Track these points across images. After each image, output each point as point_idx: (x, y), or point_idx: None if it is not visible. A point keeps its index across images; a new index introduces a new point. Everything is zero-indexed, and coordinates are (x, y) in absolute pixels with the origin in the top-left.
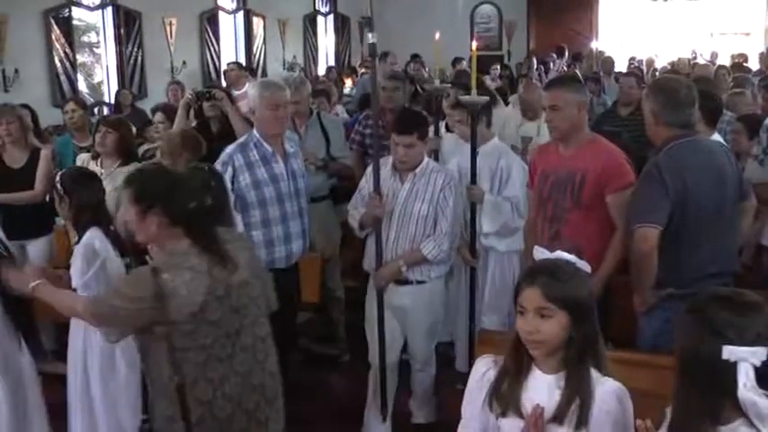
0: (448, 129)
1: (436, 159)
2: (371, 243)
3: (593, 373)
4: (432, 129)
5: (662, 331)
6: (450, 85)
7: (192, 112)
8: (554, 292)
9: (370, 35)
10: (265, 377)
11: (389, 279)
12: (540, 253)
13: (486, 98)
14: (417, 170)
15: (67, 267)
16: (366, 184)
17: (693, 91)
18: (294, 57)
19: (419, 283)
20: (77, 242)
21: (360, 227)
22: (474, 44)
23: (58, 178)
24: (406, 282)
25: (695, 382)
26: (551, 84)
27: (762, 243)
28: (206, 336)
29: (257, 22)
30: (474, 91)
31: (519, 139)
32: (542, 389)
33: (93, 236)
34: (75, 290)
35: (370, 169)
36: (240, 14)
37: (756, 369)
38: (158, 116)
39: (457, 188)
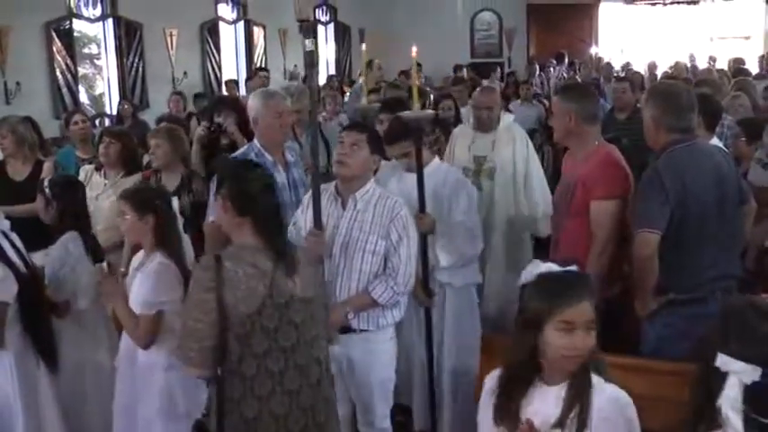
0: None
1: None
2: None
3: (596, 379)
4: None
5: (663, 336)
6: (379, 105)
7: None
8: (594, 302)
9: (307, 42)
10: (318, 401)
11: (334, 327)
12: (534, 266)
13: (431, 113)
14: (359, 193)
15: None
16: (302, 215)
17: (693, 96)
18: (295, 66)
19: (364, 332)
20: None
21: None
22: (414, 49)
23: (46, 183)
24: (349, 329)
25: (696, 380)
26: (557, 91)
27: (766, 246)
28: (260, 344)
29: (257, 32)
30: (416, 105)
31: (471, 158)
32: (550, 401)
33: (69, 238)
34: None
35: (306, 198)
36: (240, 24)
37: (750, 387)
38: None
39: (410, 218)
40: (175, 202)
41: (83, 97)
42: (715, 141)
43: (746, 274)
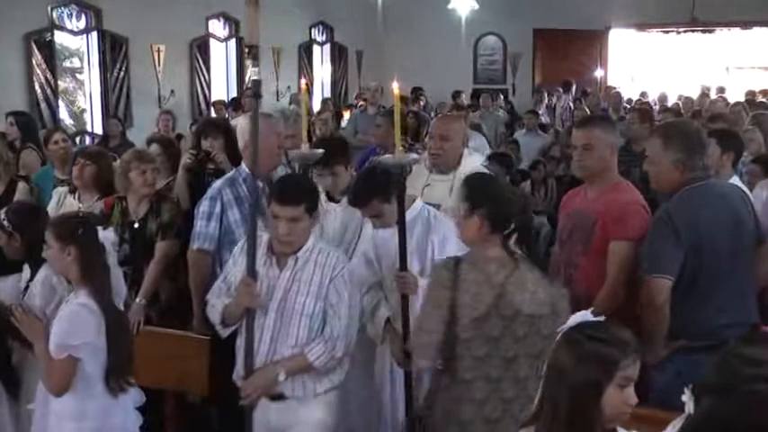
0: (330, 197)
1: None
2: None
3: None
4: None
5: (674, 384)
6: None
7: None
8: None
9: (254, 69)
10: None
11: (262, 391)
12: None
13: (413, 157)
14: (300, 253)
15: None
16: (233, 267)
17: (705, 134)
18: (288, 87)
19: (297, 399)
20: (30, 279)
21: (222, 322)
22: (395, 85)
23: (2, 215)
24: (280, 397)
25: None
26: (585, 122)
27: None
28: (479, 348)
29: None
30: (399, 148)
31: None
32: None
33: (50, 272)
34: None
35: (237, 248)
36: (232, 42)
37: None
38: (154, 148)
39: (352, 276)
40: (108, 233)
41: (62, 113)
42: (735, 180)
43: None
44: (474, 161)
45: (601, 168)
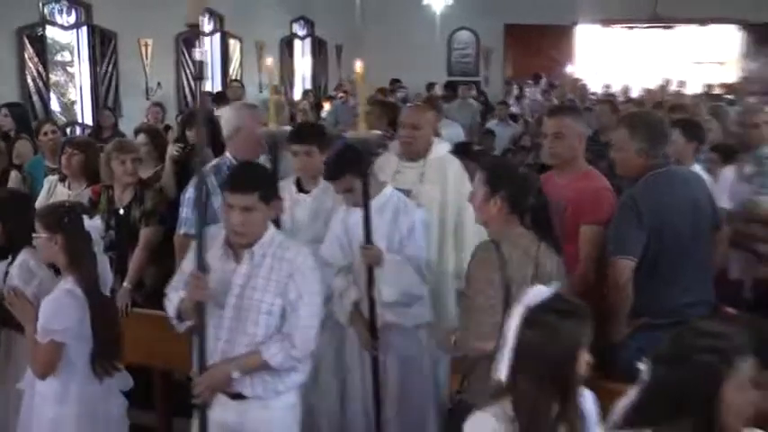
0: (301, 188)
1: None
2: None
3: None
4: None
5: (634, 360)
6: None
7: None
8: None
9: (196, 51)
10: None
11: (215, 388)
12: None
13: (378, 134)
14: (257, 247)
15: None
16: (188, 262)
17: (667, 124)
18: (272, 80)
19: (258, 399)
20: (11, 263)
21: (178, 317)
22: (359, 64)
23: None
24: (239, 395)
25: None
26: (556, 111)
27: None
28: None
29: (234, 45)
30: (363, 125)
31: None
32: None
33: (28, 256)
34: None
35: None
36: (217, 37)
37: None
38: (141, 138)
39: (314, 271)
40: (94, 222)
41: (54, 104)
42: (696, 168)
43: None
44: (442, 149)
45: (571, 156)
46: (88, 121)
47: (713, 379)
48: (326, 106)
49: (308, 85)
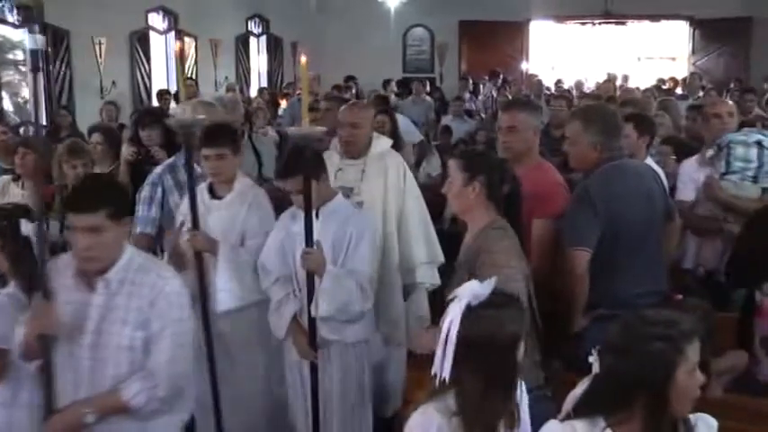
0: (214, 194)
1: None
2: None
3: None
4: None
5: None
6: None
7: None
8: None
9: (30, 38)
10: None
11: None
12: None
13: (319, 130)
14: (112, 273)
15: None
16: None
17: (620, 117)
18: (226, 78)
19: None
20: None
21: (24, 356)
22: (303, 58)
23: None
24: None
25: None
26: (511, 105)
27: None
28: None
29: (189, 43)
30: (306, 120)
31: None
32: None
33: None
34: None
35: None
36: (171, 35)
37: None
38: (95, 137)
39: (180, 296)
40: (32, 225)
41: (6, 104)
42: (650, 161)
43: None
44: (383, 144)
45: (525, 149)
46: (42, 120)
47: (665, 367)
48: (283, 103)
49: (264, 83)
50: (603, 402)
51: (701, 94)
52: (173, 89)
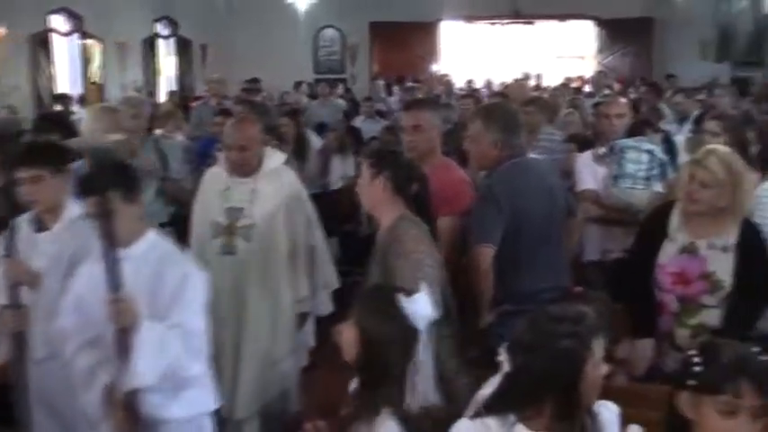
0: (40, 224)
1: None
2: None
3: None
4: None
5: (497, 348)
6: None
7: None
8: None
9: None
10: None
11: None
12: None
13: (107, 145)
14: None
15: None
16: None
17: (521, 115)
18: (135, 81)
19: None
20: None
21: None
22: None
23: None
24: None
25: None
26: (414, 104)
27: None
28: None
29: (95, 46)
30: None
31: (223, 211)
32: None
33: None
34: None
35: None
36: (75, 37)
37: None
38: None
39: None
40: None
41: None
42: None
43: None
44: (276, 160)
45: (430, 148)
46: None
47: (575, 363)
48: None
49: (174, 86)
50: (515, 399)
51: (607, 91)
52: (78, 93)
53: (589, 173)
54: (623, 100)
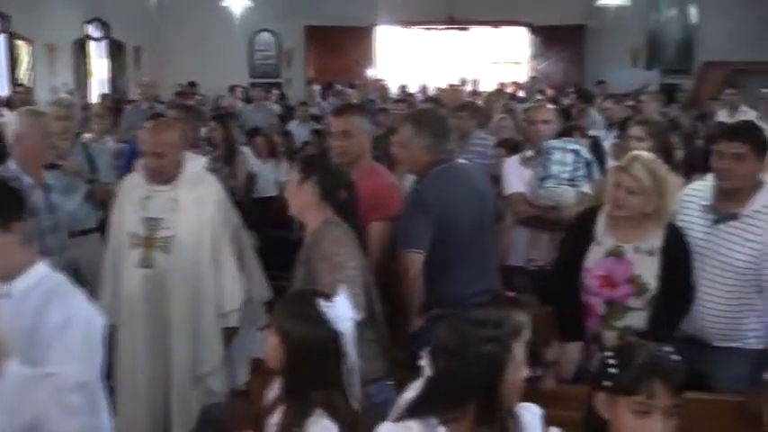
0: None
1: None
2: None
3: None
4: None
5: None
6: None
7: None
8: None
9: None
10: None
11: None
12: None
13: None
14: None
15: None
16: None
17: (450, 121)
18: (65, 84)
19: None
20: None
21: None
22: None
23: None
24: None
25: None
26: (343, 110)
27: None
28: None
29: (23, 47)
30: None
31: (141, 221)
32: None
33: None
34: None
35: None
36: (2, 38)
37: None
38: None
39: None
40: None
41: None
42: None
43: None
44: (197, 166)
45: (359, 153)
46: None
47: (496, 367)
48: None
49: (106, 89)
50: (437, 403)
51: (539, 97)
52: (5, 95)
53: (516, 176)
54: (550, 106)
